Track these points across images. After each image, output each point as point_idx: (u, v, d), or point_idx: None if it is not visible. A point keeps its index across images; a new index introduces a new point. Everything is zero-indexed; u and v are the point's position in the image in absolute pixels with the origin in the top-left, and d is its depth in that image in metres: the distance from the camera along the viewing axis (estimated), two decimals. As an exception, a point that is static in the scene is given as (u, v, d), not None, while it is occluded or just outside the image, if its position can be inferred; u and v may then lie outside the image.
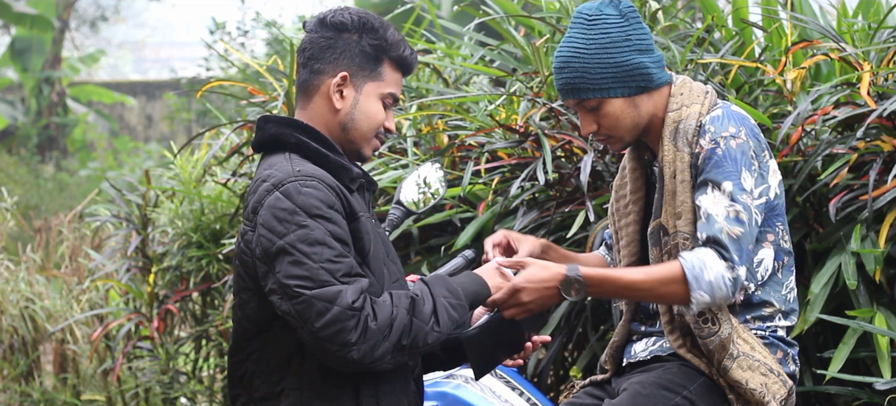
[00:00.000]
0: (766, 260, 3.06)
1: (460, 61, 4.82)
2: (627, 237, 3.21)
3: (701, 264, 2.92)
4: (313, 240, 2.71)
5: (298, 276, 2.70)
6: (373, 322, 2.71)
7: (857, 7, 4.36)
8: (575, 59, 3.04)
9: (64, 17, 20.42)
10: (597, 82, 3.03)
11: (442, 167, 3.48)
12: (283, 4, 21.23)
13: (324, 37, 2.90)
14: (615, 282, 2.99)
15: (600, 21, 3.04)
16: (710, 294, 2.92)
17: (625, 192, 3.23)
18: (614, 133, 3.09)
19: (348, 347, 2.69)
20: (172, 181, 5.69)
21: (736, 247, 2.92)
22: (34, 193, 14.86)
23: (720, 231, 2.92)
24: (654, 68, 3.06)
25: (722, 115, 3.02)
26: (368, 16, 2.91)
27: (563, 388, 4.33)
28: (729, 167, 2.95)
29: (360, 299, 2.70)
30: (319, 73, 2.89)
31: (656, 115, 3.08)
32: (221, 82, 5.57)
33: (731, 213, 2.93)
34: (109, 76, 27.46)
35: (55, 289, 7.14)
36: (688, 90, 3.09)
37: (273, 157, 2.88)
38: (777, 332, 3.09)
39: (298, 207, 2.73)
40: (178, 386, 5.82)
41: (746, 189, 2.96)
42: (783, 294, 3.09)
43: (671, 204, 3.04)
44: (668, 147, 3.05)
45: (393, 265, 2.95)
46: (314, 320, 2.68)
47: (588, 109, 3.08)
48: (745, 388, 3.00)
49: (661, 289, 2.96)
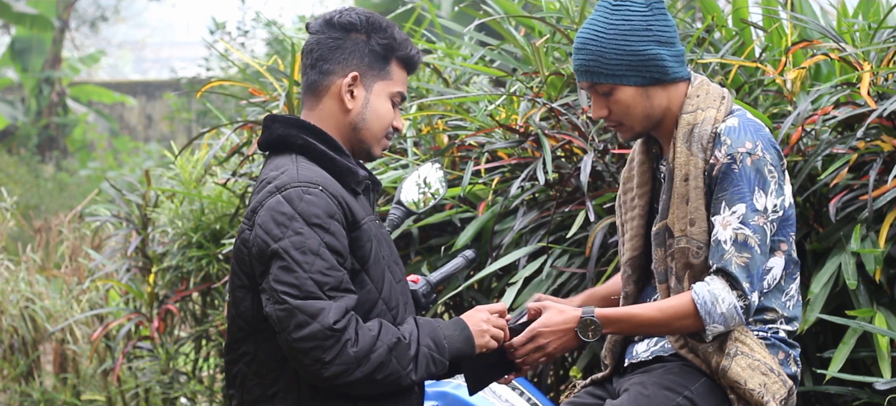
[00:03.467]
0: (775, 269, 3.06)
1: (460, 61, 4.82)
2: (632, 231, 3.20)
3: (712, 298, 2.95)
4: (307, 248, 2.71)
5: (286, 283, 2.71)
6: (353, 347, 2.71)
7: (857, 7, 4.36)
8: (592, 41, 3.03)
9: (64, 17, 20.41)
10: (610, 68, 3.02)
11: (442, 167, 3.48)
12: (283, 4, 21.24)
13: (332, 37, 2.90)
14: (630, 320, 3.04)
15: (624, 8, 3.03)
16: (724, 325, 2.97)
17: (632, 185, 3.22)
18: (625, 121, 3.08)
19: (321, 365, 2.70)
20: (172, 181, 5.68)
21: (745, 274, 2.95)
22: (34, 193, 14.85)
23: (729, 262, 2.95)
24: (672, 62, 3.04)
25: (738, 127, 3.00)
26: (375, 16, 2.92)
27: (564, 388, 4.33)
28: (743, 187, 2.96)
29: (343, 320, 2.70)
30: (329, 74, 2.89)
31: (670, 109, 3.07)
32: (222, 82, 5.57)
33: (739, 237, 2.95)
34: (109, 76, 27.46)
35: (55, 289, 7.13)
36: (704, 93, 3.07)
37: (279, 158, 2.88)
38: (779, 333, 3.09)
39: (297, 214, 2.73)
40: (178, 386, 5.82)
41: (759, 209, 2.96)
42: (783, 301, 3.10)
43: (681, 208, 3.04)
44: (682, 149, 3.04)
45: (396, 267, 2.95)
46: (292, 331, 2.69)
47: (600, 93, 3.07)
48: (744, 389, 3.00)
49: (676, 324, 3.00)
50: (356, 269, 2.81)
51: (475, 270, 4.23)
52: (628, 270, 3.20)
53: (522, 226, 4.05)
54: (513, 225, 4.07)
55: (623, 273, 3.22)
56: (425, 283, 3.33)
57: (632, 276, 3.21)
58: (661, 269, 3.10)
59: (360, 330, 2.73)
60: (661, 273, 3.10)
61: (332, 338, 2.69)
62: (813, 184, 3.73)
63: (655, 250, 3.10)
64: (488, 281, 4.31)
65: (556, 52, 4.46)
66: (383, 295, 2.86)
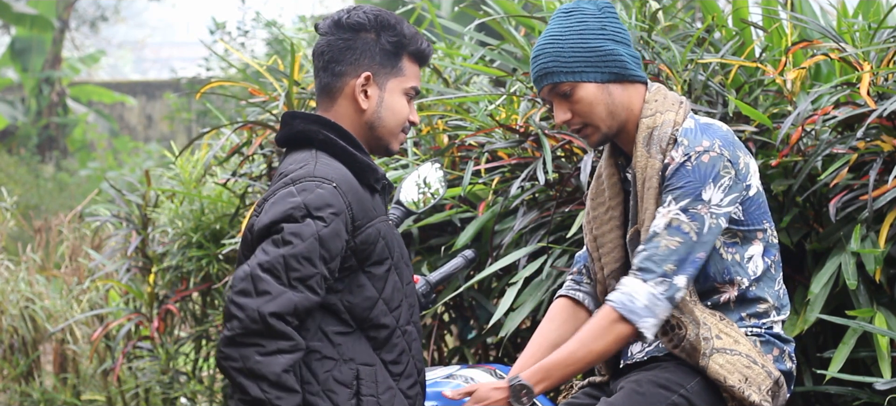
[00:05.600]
0: (755, 256, 3.07)
1: (460, 61, 4.82)
2: (610, 243, 3.20)
3: (628, 296, 2.96)
4: (297, 231, 2.73)
5: (264, 252, 2.71)
6: (258, 355, 2.69)
7: (857, 7, 4.36)
8: (549, 45, 3.07)
9: (64, 17, 20.41)
10: (569, 65, 3.04)
11: (442, 167, 3.48)
12: (283, 4, 21.23)
13: (341, 38, 2.90)
14: (559, 364, 3.00)
15: (577, 12, 3.08)
16: (653, 315, 2.96)
17: (603, 199, 3.22)
18: (589, 120, 3.08)
19: (226, 338, 2.69)
20: (172, 181, 5.69)
21: (671, 258, 2.94)
22: (34, 193, 14.85)
23: (657, 246, 2.95)
24: (629, 60, 3.07)
25: (695, 128, 3.03)
26: (383, 13, 2.92)
27: (563, 388, 4.33)
28: (693, 182, 2.97)
29: (279, 322, 2.68)
30: (342, 75, 2.90)
31: (632, 111, 3.08)
32: (222, 83, 5.57)
33: (673, 222, 2.96)
34: (109, 76, 27.46)
35: (55, 289, 7.13)
36: (662, 97, 3.10)
37: (299, 153, 2.89)
38: (773, 328, 3.10)
39: (304, 204, 2.75)
40: (178, 386, 5.83)
41: (705, 199, 2.97)
42: (776, 290, 3.11)
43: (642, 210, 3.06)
44: (642, 152, 3.06)
45: (405, 268, 2.96)
46: (232, 291, 2.71)
47: (561, 96, 3.08)
48: (724, 386, 3.00)
49: (605, 339, 2.97)
50: (353, 267, 2.82)
51: (475, 270, 4.23)
52: (613, 283, 3.16)
53: (522, 226, 4.05)
54: (513, 225, 4.07)
55: (608, 287, 3.18)
56: (425, 283, 3.33)
57: None
58: None
59: (279, 351, 2.70)
60: None
61: (256, 325, 2.68)
62: (813, 184, 3.73)
63: (632, 255, 3.10)
64: (488, 281, 4.31)
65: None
66: (384, 295, 2.86)
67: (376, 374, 2.85)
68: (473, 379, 3.19)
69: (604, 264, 3.20)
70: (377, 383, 2.84)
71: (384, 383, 2.85)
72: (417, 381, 2.96)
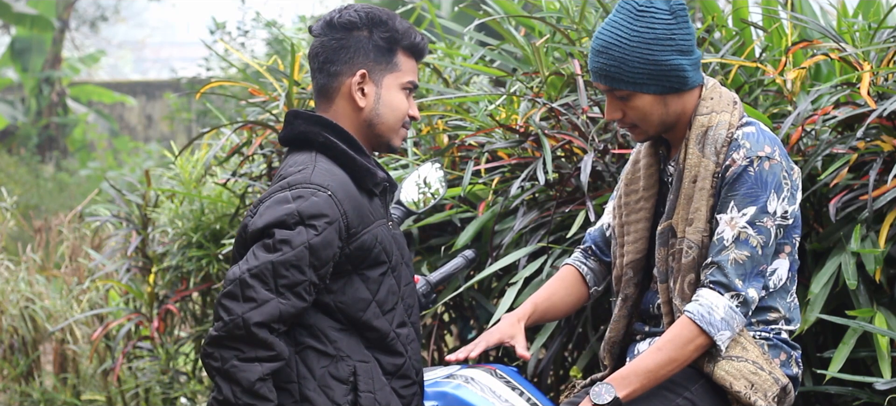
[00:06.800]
0: (780, 269, 3.07)
1: (460, 61, 4.81)
2: (636, 233, 3.19)
3: (707, 309, 2.96)
4: (288, 238, 2.73)
5: (254, 257, 2.73)
6: (237, 359, 2.71)
7: (857, 7, 4.36)
8: (615, 46, 3.00)
9: (64, 17, 20.40)
10: (632, 75, 3.00)
11: (442, 167, 3.48)
12: (283, 4, 21.25)
13: (334, 38, 2.91)
14: (643, 374, 2.97)
15: (649, 15, 3.01)
16: (730, 328, 2.97)
17: (637, 187, 3.21)
18: (640, 125, 3.07)
19: (211, 336, 2.71)
20: (172, 181, 5.68)
21: (739, 271, 2.95)
22: (34, 193, 14.85)
23: (726, 259, 2.95)
24: (691, 70, 3.03)
25: (757, 132, 3.01)
26: (374, 10, 2.92)
27: (564, 388, 4.33)
28: (758, 190, 2.96)
29: (263, 332, 2.70)
30: (337, 75, 2.91)
31: (684, 113, 3.07)
32: (222, 83, 5.57)
33: (741, 235, 2.96)
34: (109, 76, 27.45)
35: (55, 289, 7.13)
36: (718, 96, 3.07)
37: (299, 155, 2.90)
38: (781, 334, 3.10)
39: (298, 211, 2.75)
40: (178, 386, 5.82)
41: (770, 211, 2.97)
42: (788, 302, 3.12)
43: (685, 208, 3.04)
44: (694, 151, 3.04)
45: (405, 269, 2.97)
46: (223, 293, 2.73)
47: (617, 97, 3.06)
48: (730, 391, 3.00)
49: (685, 350, 2.97)
50: (348, 271, 2.82)
51: (475, 270, 4.23)
52: (629, 273, 3.19)
53: (522, 226, 4.05)
54: (513, 225, 4.07)
55: (623, 276, 3.21)
56: (425, 283, 3.33)
57: (633, 278, 3.20)
58: (663, 269, 3.10)
59: (258, 360, 2.71)
60: (663, 273, 3.10)
61: (239, 331, 2.70)
62: (813, 184, 3.73)
63: (658, 250, 3.10)
64: (488, 281, 4.31)
65: (556, 53, 4.46)
66: (378, 297, 2.87)
67: (372, 371, 2.86)
68: (473, 379, 3.19)
69: (625, 252, 3.20)
70: (373, 380, 2.85)
71: (380, 380, 2.86)
72: (414, 381, 2.96)
